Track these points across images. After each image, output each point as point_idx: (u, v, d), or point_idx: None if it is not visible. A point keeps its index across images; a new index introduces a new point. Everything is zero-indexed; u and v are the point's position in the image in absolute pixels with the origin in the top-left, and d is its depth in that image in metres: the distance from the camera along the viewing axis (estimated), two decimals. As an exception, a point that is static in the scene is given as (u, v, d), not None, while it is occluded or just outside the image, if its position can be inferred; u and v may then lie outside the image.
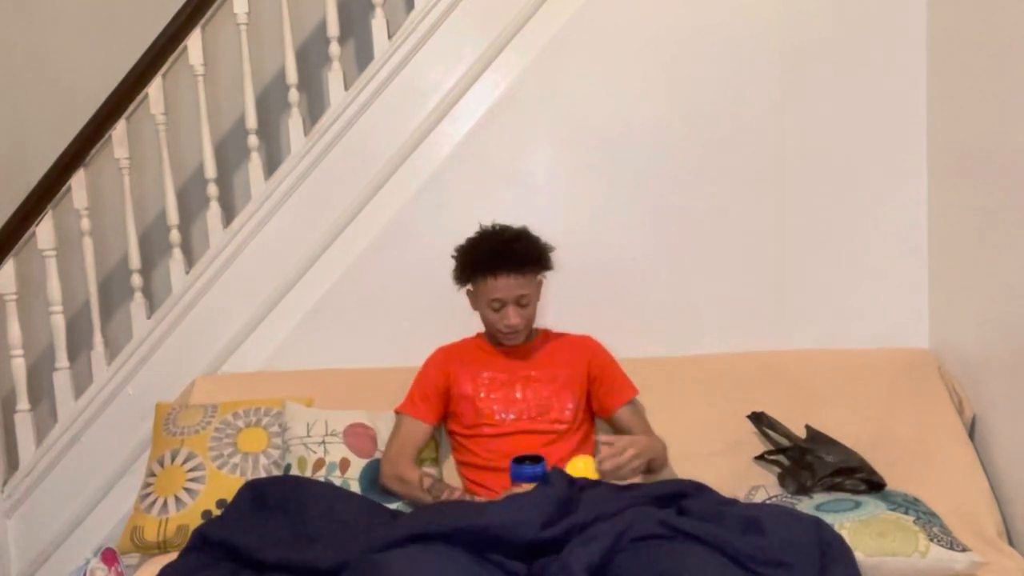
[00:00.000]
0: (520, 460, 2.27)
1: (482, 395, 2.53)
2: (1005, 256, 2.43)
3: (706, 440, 2.62)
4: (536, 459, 2.27)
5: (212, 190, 2.99)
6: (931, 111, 2.77)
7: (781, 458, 2.48)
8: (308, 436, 2.57)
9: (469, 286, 2.53)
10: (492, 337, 2.58)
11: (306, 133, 2.94)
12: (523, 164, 2.90)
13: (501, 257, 2.44)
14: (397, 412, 2.59)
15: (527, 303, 2.48)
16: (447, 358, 2.61)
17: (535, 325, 2.61)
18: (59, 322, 3.03)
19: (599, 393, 2.58)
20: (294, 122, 2.95)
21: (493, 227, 2.52)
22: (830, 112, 2.82)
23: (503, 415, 2.50)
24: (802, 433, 2.53)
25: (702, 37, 2.83)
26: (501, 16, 2.84)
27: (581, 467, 2.26)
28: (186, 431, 2.63)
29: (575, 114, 2.87)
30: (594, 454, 2.31)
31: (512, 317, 2.46)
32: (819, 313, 2.86)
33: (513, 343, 2.53)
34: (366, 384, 2.78)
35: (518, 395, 2.52)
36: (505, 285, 2.44)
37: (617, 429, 2.57)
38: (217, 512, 2.46)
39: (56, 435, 3.01)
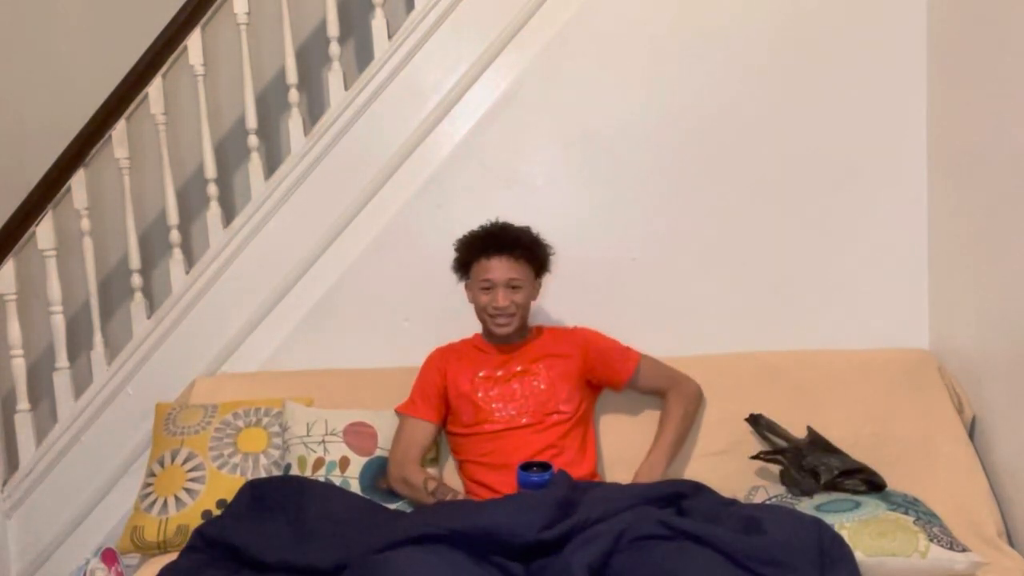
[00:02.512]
0: (527, 466, 2.25)
1: (480, 393, 2.53)
2: (1005, 256, 2.43)
3: (706, 440, 2.62)
4: (544, 466, 2.26)
5: (212, 190, 2.99)
6: (931, 111, 2.77)
7: (779, 457, 2.48)
8: (308, 435, 2.57)
9: (466, 278, 2.56)
10: (487, 333, 2.58)
11: (306, 133, 2.94)
12: (523, 164, 2.90)
13: (493, 238, 2.51)
14: (399, 413, 2.60)
15: (518, 286, 2.50)
16: (444, 358, 2.62)
17: (531, 324, 2.62)
18: (59, 322, 3.03)
19: (606, 373, 2.59)
20: (294, 122, 2.95)
21: (493, 222, 2.58)
22: (830, 112, 2.82)
23: (502, 411, 2.50)
24: (803, 434, 2.53)
25: (702, 38, 2.83)
26: (501, 16, 2.84)
27: None
28: (186, 431, 2.63)
29: (575, 114, 2.87)
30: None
31: (501, 299, 2.48)
32: (819, 314, 2.86)
33: (503, 332, 2.53)
34: (366, 384, 2.78)
35: (516, 390, 2.52)
36: (496, 266, 2.48)
37: (642, 392, 2.62)
38: (217, 512, 2.46)
39: (56, 435, 3.01)
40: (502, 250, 2.49)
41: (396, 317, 2.91)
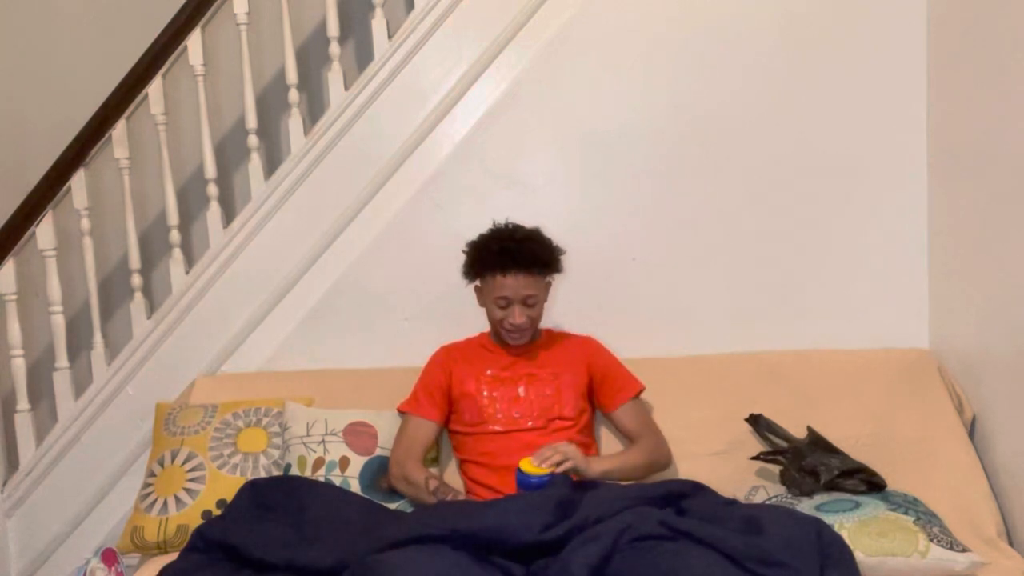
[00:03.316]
0: None
1: (484, 393, 2.53)
2: (1005, 256, 2.43)
3: (706, 440, 2.62)
4: None
5: (212, 190, 2.99)
6: (931, 111, 2.77)
7: (779, 457, 2.48)
8: (308, 435, 2.57)
9: (477, 282, 2.53)
10: (497, 335, 2.58)
11: (306, 133, 2.94)
12: (523, 164, 2.90)
13: (511, 255, 2.44)
14: (401, 412, 2.59)
15: (534, 303, 2.48)
16: (450, 357, 2.61)
17: (539, 325, 2.61)
18: (59, 322, 3.03)
19: (600, 393, 2.59)
20: (294, 122, 2.95)
21: (506, 225, 2.53)
22: (830, 112, 2.82)
23: (505, 413, 2.50)
24: (802, 434, 2.53)
25: (702, 38, 2.83)
26: (501, 16, 2.84)
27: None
28: (186, 431, 2.63)
29: (575, 114, 2.87)
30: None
31: (517, 316, 2.46)
32: (819, 313, 2.86)
33: (518, 343, 2.53)
34: (366, 384, 2.78)
35: (521, 393, 2.52)
36: (513, 284, 2.44)
37: (617, 427, 2.59)
38: (217, 512, 2.46)
39: (56, 435, 3.01)
40: (519, 267, 2.44)
41: (396, 317, 2.91)
